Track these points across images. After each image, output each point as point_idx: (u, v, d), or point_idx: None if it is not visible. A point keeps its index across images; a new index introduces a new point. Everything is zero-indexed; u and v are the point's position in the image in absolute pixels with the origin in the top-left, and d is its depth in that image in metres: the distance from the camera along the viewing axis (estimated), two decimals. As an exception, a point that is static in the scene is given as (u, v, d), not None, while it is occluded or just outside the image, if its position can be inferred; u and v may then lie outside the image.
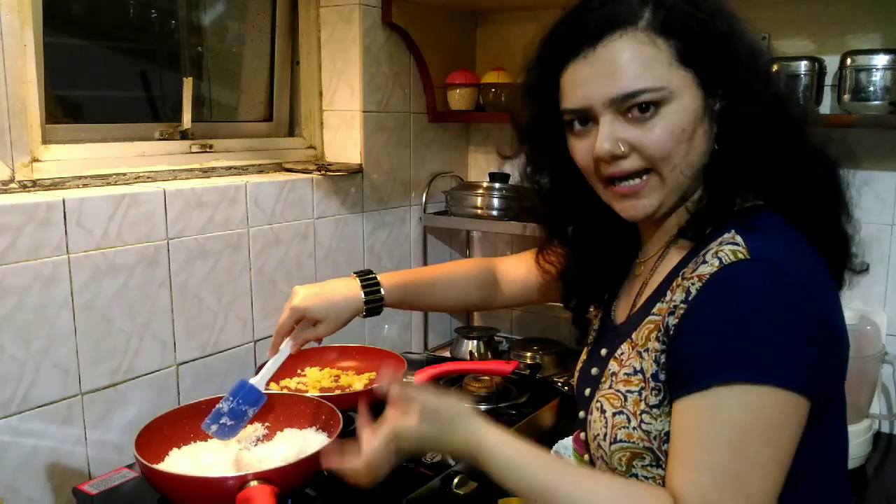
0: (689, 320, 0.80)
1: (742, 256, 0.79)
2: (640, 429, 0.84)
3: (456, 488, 1.24)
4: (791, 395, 0.74)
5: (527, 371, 1.68)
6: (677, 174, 0.86)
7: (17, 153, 1.28)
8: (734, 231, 0.82)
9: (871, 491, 1.44)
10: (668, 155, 0.85)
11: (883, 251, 1.62)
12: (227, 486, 1.02)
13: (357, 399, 1.40)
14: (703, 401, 0.76)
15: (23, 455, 1.21)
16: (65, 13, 1.48)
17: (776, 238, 0.83)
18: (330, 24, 1.80)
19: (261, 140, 1.79)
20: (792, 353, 0.75)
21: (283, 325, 1.16)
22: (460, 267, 1.31)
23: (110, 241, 1.30)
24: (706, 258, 0.81)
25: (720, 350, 0.76)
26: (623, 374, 0.89)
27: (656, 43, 0.84)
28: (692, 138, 0.85)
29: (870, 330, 1.52)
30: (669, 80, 0.84)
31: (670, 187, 0.87)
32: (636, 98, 0.83)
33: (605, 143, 0.85)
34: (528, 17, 1.95)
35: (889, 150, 1.58)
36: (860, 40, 1.58)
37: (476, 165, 2.18)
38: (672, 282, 0.86)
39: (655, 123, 0.84)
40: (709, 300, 0.78)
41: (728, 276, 0.78)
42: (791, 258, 0.80)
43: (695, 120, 0.85)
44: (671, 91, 0.84)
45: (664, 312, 0.85)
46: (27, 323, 1.20)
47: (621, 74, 0.84)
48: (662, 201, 0.88)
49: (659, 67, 0.84)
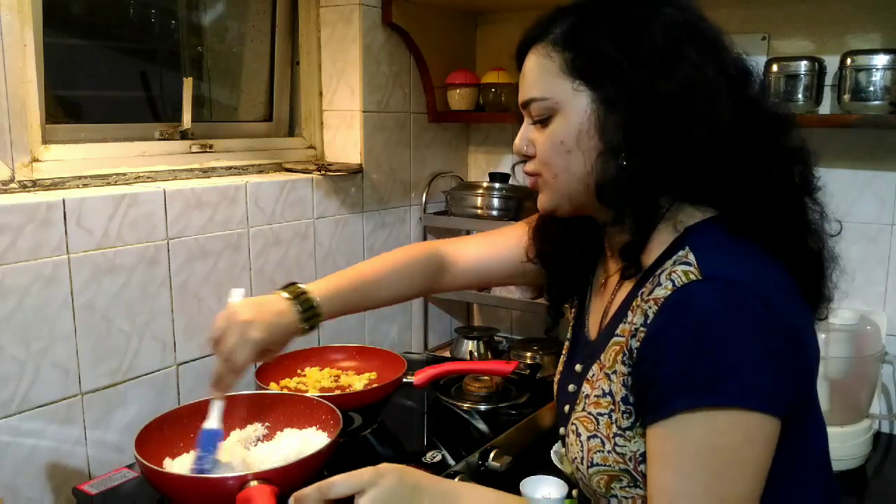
0: (648, 345, 0.79)
1: (694, 277, 0.77)
2: (615, 451, 0.84)
3: (456, 488, 1.24)
4: (756, 416, 0.73)
5: (527, 371, 1.68)
6: (559, 182, 0.89)
7: (17, 153, 1.28)
8: (688, 248, 0.81)
9: (871, 491, 1.44)
10: (547, 162, 0.89)
11: (883, 251, 1.61)
12: (227, 486, 1.02)
13: (357, 399, 1.41)
14: (671, 427, 0.75)
15: (23, 455, 1.21)
16: (65, 13, 1.48)
17: (730, 254, 0.81)
18: (330, 24, 1.80)
19: (261, 140, 1.79)
20: (752, 373, 0.74)
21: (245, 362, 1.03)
22: (401, 257, 1.19)
23: (110, 241, 1.30)
24: (661, 279, 0.80)
25: (682, 376, 0.75)
26: (594, 396, 0.88)
27: (551, 55, 0.87)
28: (573, 151, 0.86)
29: (870, 330, 1.52)
30: (555, 91, 0.86)
31: (558, 192, 0.90)
32: (528, 106, 0.90)
33: (517, 140, 0.94)
34: (528, 17, 1.91)
35: (889, 150, 1.58)
36: (860, 40, 1.58)
37: (476, 165, 2.18)
38: (632, 301, 0.85)
39: (545, 131, 0.89)
40: (666, 325, 0.77)
41: (682, 299, 0.77)
42: (748, 273, 0.78)
43: (578, 133, 0.85)
44: (556, 101, 0.87)
45: (627, 334, 0.84)
46: (27, 323, 1.20)
47: (524, 83, 0.91)
48: (554, 201, 0.92)
49: (548, 77, 0.87)
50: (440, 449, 1.34)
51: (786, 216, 0.83)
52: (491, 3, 1.99)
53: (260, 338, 1.02)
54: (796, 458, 0.81)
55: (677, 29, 0.82)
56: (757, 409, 0.73)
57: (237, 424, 1.29)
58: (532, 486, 1.25)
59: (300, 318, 1.05)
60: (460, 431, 1.45)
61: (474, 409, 1.53)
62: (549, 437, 1.49)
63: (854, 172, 1.61)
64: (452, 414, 1.53)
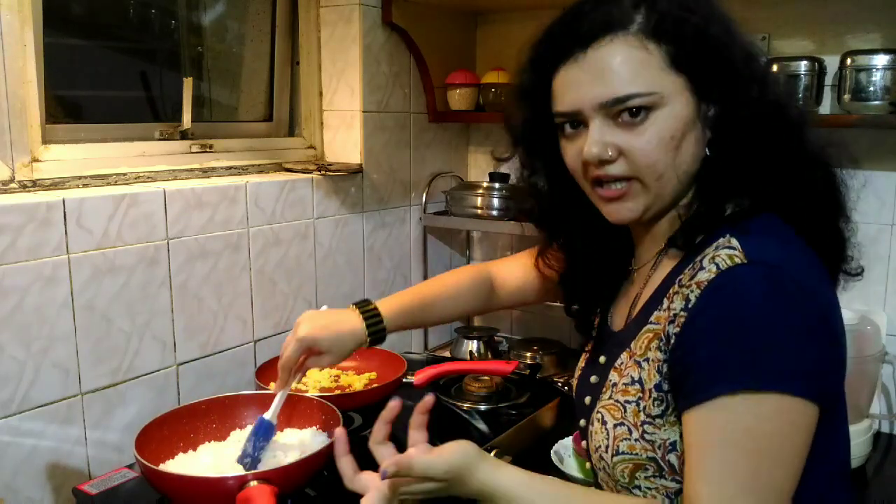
0: (690, 329, 0.79)
1: (739, 261, 0.78)
2: (643, 439, 0.84)
3: (456, 488, 1.24)
4: (798, 401, 0.74)
5: (527, 371, 1.68)
6: (663, 183, 0.86)
7: (17, 153, 1.28)
8: (729, 235, 0.81)
9: (871, 491, 1.44)
10: (653, 163, 0.84)
11: (883, 251, 1.61)
12: (226, 486, 1.03)
13: (357, 399, 1.41)
14: (711, 411, 0.75)
15: (23, 455, 1.21)
16: (65, 13, 1.48)
17: (772, 240, 0.82)
18: (330, 24, 1.80)
19: (261, 140, 1.79)
20: (795, 358, 0.74)
21: (290, 359, 1.13)
22: (457, 280, 1.27)
23: (110, 241, 1.30)
24: (703, 264, 0.80)
25: (724, 358, 0.75)
26: (622, 384, 0.88)
27: (648, 47, 0.83)
28: (680, 146, 0.84)
29: (870, 330, 1.52)
30: (661, 86, 0.83)
31: (655, 193, 0.87)
32: (626, 103, 0.83)
33: (593, 147, 0.85)
34: (528, 16, 1.95)
35: (889, 150, 1.58)
36: (860, 40, 1.58)
37: (476, 165, 2.18)
38: (668, 289, 0.85)
39: (645, 129, 0.83)
40: (709, 307, 0.77)
41: (726, 282, 0.77)
42: (788, 259, 0.79)
43: (685, 126, 0.84)
44: (662, 96, 0.83)
45: (663, 321, 0.84)
46: (27, 323, 1.20)
47: (612, 78, 0.83)
48: (647, 206, 0.88)
49: (650, 72, 0.83)
50: (440, 449, 1.34)
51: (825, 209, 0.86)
52: (491, 3, 1.99)
53: (303, 335, 1.11)
54: (829, 449, 0.81)
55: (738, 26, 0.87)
56: (797, 393, 0.74)
57: (238, 424, 1.29)
58: (532, 486, 1.25)
59: (365, 329, 1.15)
60: (460, 431, 1.45)
61: (474, 409, 1.53)
62: (549, 437, 1.49)
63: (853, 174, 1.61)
64: (452, 414, 1.53)
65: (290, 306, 1.66)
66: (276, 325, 1.64)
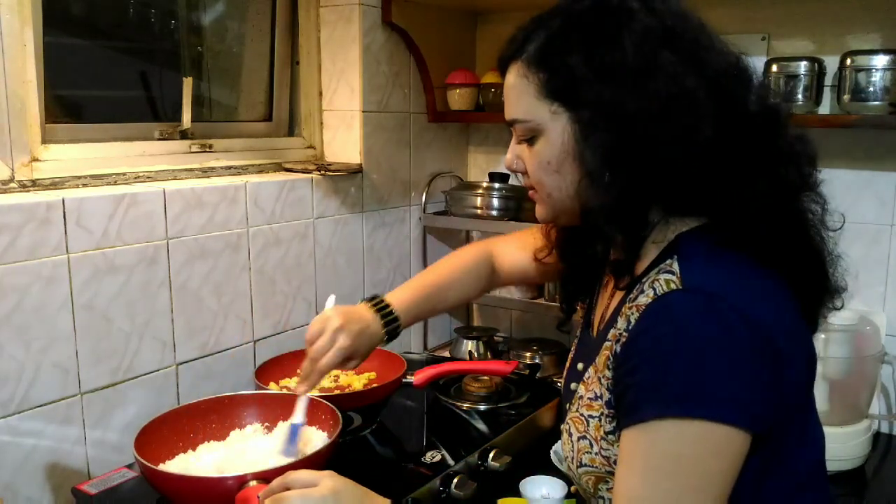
0: (627, 351, 0.80)
1: (674, 287, 0.78)
2: (601, 454, 0.85)
3: (456, 488, 1.24)
4: (725, 428, 0.73)
5: (526, 371, 1.68)
6: (554, 200, 0.89)
7: (16, 153, 1.28)
8: (675, 257, 0.81)
9: (871, 491, 1.44)
10: (538, 182, 0.89)
11: (883, 251, 1.61)
12: (226, 486, 1.03)
13: (357, 399, 1.41)
14: (641, 433, 0.76)
15: (22, 455, 1.21)
16: (65, 13, 1.48)
17: (714, 264, 0.80)
18: (330, 24, 1.80)
19: (260, 140, 1.79)
20: (724, 386, 0.73)
21: (330, 366, 1.13)
22: (461, 264, 1.28)
23: (110, 240, 1.30)
24: (644, 287, 0.81)
25: (654, 384, 0.75)
26: (587, 398, 0.89)
27: (527, 76, 0.86)
28: (560, 171, 0.86)
29: (869, 330, 1.52)
30: (535, 113, 0.86)
31: (552, 206, 0.91)
32: (513, 126, 0.90)
33: (508, 156, 0.94)
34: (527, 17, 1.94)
35: (889, 150, 1.58)
36: (860, 40, 1.58)
37: (476, 165, 2.18)
38: (622, 307, 0.86)
39: (532, 151, 0.89)
40: (643, 332, 0.78)
41: (660, 309, 0.77)
42: (726, 284, 0.77)
43: (562, 154, 0.85)
44: (538, 124, 0.86)
45: (614, 339, 0.85)
46: (27, 323, 1.20)
47: (507, 102, 0.90)
48: (552, 216, 0.93)
49: (527, 100, 0.86)
50: (440, 449, 1.34)
51: (775, 223, 0.81)
52: (491, 3, 1.99)
53: (347, 344, 1.12)
54: (777, 472, 0.81)
55: (650, 36, 0.79)
56: (726, 422, 0.73)
57: (237, 424, 1.29)
58: (532, 486, 1.26)
59: (382, 327, 1.16)
60: (460, 431, 1.45)
61: (474, 409, 1.53)
62: (549, 437, 1.49)
63: (854, 172, 1.61)
64: (452, 414, 1.53)
65: (289, 306, 1.66)
66: (275, 324, 1.64)
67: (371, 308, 1.17)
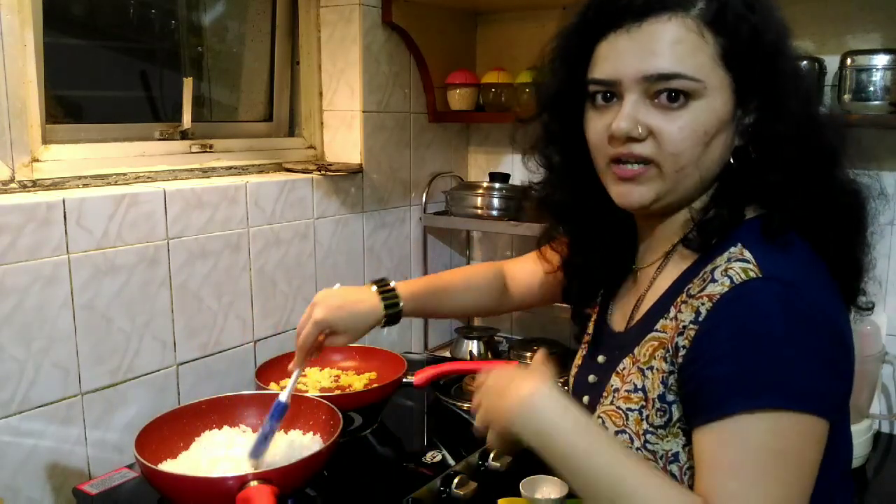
0: (702, 344, 0.77)
1: (754, 275, 0.76)
2: (645, 449, 0.83)
3: (456, 488, 1.24)
4: (812, 419, 0.73)
5: (527, 371, 1.68)
6: (681, 176, 0.82)
7: (17, 153, 1.28)
8: (741, 245, 0.80)
9: (871, 491, 1.44)
10: (679, 153, 0.81)
11: (883, 251, 1.61)
12: (226, 486, 1.03)
13: (357, 399, 1.41)
14: (727, 428, 0.73)
15: (23, 455, 1.21)
16: (65, 13, 1.48)
17: (786, 254, 0.80)
18: (330, 24, 1.80)
19: (261, 140, 1.79)
20: (810, 377, 0.73)
21: (307, 340, 1.13)
22: (473, 273, 1.29)
23: (110, 241, 1.30)
24: (715, 276, 0.78)
25: (740, 375, 0.73)
26: (624, 390, 0.87)
27: (704, 34, 0.80)
28: (710, 143, 0.81)
29: (870, 330, 1.52)
30: (707, 75, 0.80)
31: (670, 185, 0.83)
32: (669, 81, 0.79)
33: (622, 122, 0.81)
34: (528, 16, 1.94)
35: (889, 150, 1.58)
36: (860, 40, 1.58)
37: (476, 165, 2.18)
38: (675, 296, 0.84)
39: (680, 115, 0.80)
40: (723, 322, 0.76)
41: (741, 297, 0.76)
42: (803, 275, 0.77)
43: (720, 124, 0.81)
44: (706, 86, 0.80)
45: (670, 330, 0.82)
46: (27, 323, 1.20)
47: (662, 53, 0.79)
48: (659, 195, 0.84)
49: (702, 59, 0.80)
50: (440, 449, 1.34)
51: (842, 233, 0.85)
52: (491, 3, 1.99)
53: (321, 317, 1.12)
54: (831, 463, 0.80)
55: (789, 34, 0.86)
56: (812, 411, 0.73)
57: (237, 424, 1.29)
58: (532, 486, 1.25)
59: (383, 308, 1.14)
60: (460, 431, 1.45)
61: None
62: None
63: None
64: (452, 414, 1.53)
65: (289, 306, 1.66)
66: (275, 324, 1.64)
67: (375, 288, 1.16)
